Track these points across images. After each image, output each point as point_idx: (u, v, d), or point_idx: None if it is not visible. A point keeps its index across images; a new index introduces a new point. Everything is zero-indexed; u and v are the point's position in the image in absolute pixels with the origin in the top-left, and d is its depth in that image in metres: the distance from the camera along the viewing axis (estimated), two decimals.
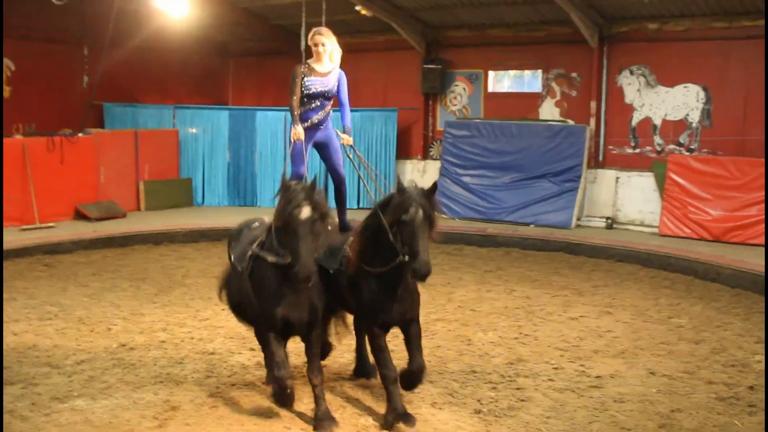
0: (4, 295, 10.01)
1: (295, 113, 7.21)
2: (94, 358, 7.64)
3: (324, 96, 7.32)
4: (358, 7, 16.58)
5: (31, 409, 6.31)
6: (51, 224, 14.33)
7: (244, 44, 20.61)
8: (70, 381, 7.00)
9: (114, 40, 16.68)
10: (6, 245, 12.06)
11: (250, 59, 20.67)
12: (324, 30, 7.45)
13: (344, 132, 7.35)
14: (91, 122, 17.45)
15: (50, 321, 8.94)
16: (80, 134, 15.88)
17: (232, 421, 6.07)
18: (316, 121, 7.28)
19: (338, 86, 7.37)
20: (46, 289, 10.47)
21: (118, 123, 17.80)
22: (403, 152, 17.94)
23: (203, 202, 17.79)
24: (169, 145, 17.36)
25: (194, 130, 17.81)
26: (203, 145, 17.86)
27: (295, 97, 7.22)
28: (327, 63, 7.36)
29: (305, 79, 7.27)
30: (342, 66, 7.35)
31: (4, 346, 7.99)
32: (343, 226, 7.09)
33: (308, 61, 7.43)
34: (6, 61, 16.26)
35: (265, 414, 6.21)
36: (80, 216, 15.10)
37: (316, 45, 7.33)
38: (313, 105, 7.29)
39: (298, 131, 7.13)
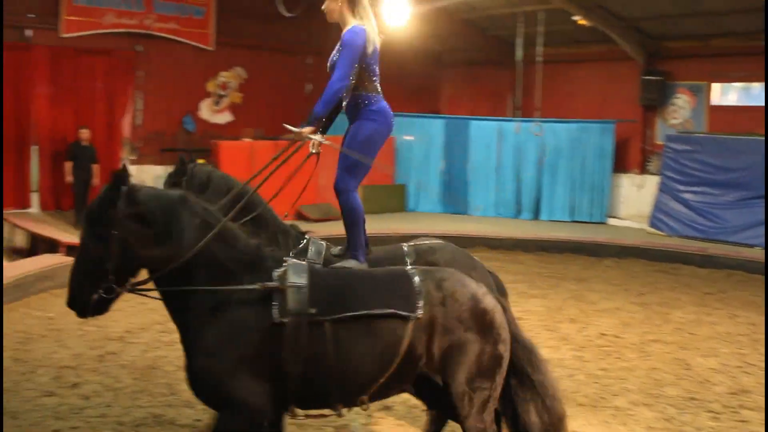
0: None
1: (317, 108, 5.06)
2: None
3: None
4: (576, 17, 16.32)
5: None
6: None
7: (459, 54, 20.84)
8: None
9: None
10: None
11: (464, 69, 20.87)
12: None
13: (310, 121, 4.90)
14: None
15: None
16: None
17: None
18: (343, 110, 5.28)
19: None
20: None
21: (337, 128, 18.52)
22: (620, 166, 17.38)
23: (417, 207, 18.21)
24: (385, 151, 17.70)
25: (410, 138, 18.26)
26: (418, 152, 18.28)
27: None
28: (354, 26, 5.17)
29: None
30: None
31: None
32: (352, 254, 5.24)
33: None
34: (238, 70, 17.47)
35: None
36: (300, 217, 15.88)
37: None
38: None
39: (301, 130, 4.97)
